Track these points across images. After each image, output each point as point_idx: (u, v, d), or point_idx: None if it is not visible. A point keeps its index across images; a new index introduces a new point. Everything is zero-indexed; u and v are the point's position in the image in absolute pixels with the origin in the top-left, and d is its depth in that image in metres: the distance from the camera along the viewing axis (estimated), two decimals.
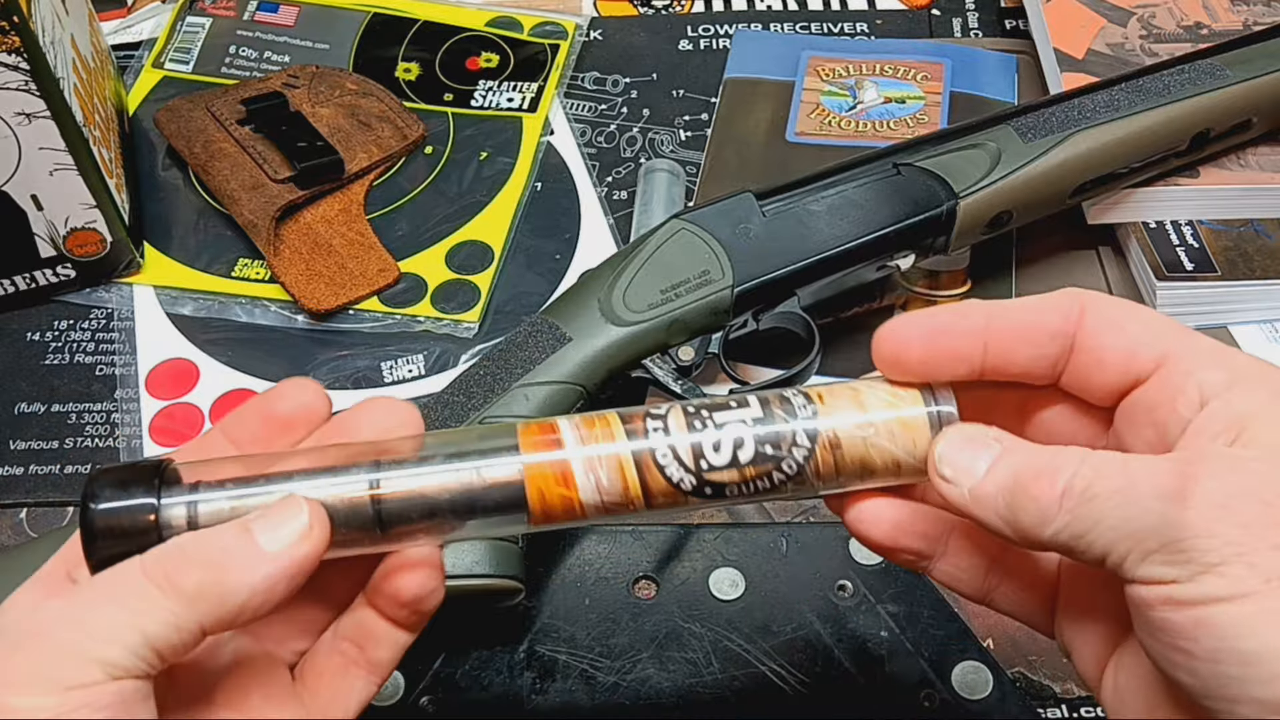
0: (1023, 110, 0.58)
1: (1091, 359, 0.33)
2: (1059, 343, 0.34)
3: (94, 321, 0.62)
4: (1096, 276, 0.63)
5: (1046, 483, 0.30)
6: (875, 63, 0.71)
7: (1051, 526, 0.30)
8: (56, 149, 0.56)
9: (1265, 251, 0.61)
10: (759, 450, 0.34)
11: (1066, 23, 0.68)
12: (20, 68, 0.53)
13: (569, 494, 0.33)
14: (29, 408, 0.59)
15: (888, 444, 0.34)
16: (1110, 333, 0.33)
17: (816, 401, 0.34)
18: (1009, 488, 0.31)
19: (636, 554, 0.53)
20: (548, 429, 0.34)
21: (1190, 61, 0.60)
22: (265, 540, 0.32)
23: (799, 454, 0.34)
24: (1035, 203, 0.57)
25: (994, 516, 0.31)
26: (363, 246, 0.63)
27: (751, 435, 0.34)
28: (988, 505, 0.32)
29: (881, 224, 0.54)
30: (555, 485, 0.33)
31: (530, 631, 0.51)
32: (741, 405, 0.34)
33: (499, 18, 0.75)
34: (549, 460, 0.33)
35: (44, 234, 0.59)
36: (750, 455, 0.34)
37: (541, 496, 0.33)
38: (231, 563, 0.31)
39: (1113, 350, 0.33)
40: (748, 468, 0.34)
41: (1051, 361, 0.34)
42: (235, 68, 0.72)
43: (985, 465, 0.32)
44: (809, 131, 0.68)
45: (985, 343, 0.34)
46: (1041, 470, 0.31)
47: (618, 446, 0.34)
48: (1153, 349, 0.32)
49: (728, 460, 0.34)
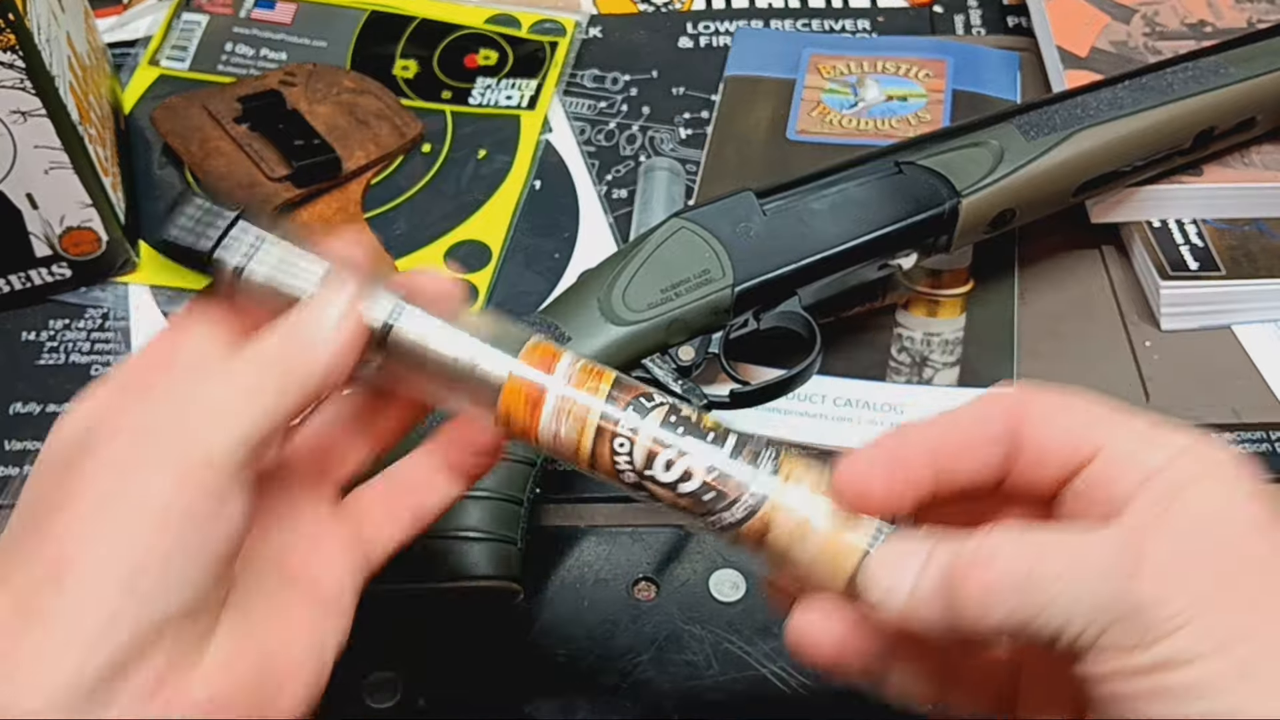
0: (1025, 108, 0.57)
1: (1034, 457, 0.33)
2: (1002, 446, 0.33)
3: (89, 321, 0.61)
4: (1100, 276, 0.62)
5: (983, 571, 0.30)
6: (877, 60, 0.70)
7: (996, 615, 0.30)
8: (52, 147, 0.56)
9: (1270, 250, 0.60)
10: (698, 491, 0.34)
11: (1069, 20, 0.68)
12: (15, 65, 0.53)
13: (530, 421, 0.35)
14: (24, 408, 0.58)
15: (814, 554, 0.34)
16: (1050, 428, 0.33)
17: (782, 470, 0.34)
18: (944, 587, 0.31)
19: (636, 555, 0.53)
20: (549, 357, 0.36)
21: (1194, 59, 0.60)
22: (324, 317, 0.34)
23: (730, 517, 0.34)
24: (1038, 201, 0.57)
25: (934, 621, 0.31)
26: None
27: (703, 475, 0.34)
28: (925, 613, 0.31)
29: (883, 223, 0.54)
30: (523, 406, 0.35)
31: (529, 633, 0.51)
32: (718, 440, 0.35)
33: (498, 15, 0.74)
34: (531, 382, 0.35)
35: (39, 233, 0.59)
36: (690, 490, 0.35)
37: (508, 410, 0.35)
38: (301, 340, 0.34)
39: (1055, 444, 0.33)
40: (682, 498, 0.35)
41: (996, 467, 0.34)
42: (232, 65, 0.72)
43: (912, 574, 0.31)
44: (810, 129, 0.67)
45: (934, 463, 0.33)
46: (975, 560, 0.30)
47: (592, 406, 0.35)
48: (1092, 436, 0.32)
49: (670, 481, 0.35)
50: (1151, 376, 0.58)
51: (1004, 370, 0.58)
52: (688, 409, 0.35)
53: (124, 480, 0.31)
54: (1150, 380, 0.58)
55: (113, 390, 0.34)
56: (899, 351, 0.59)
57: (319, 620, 0.37)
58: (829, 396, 0.57)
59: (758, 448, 0.35)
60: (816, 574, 0.34)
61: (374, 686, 0.49)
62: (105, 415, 0.33)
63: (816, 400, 0.57)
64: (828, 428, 0.56)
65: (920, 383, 0.58)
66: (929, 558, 0.31)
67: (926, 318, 0.60)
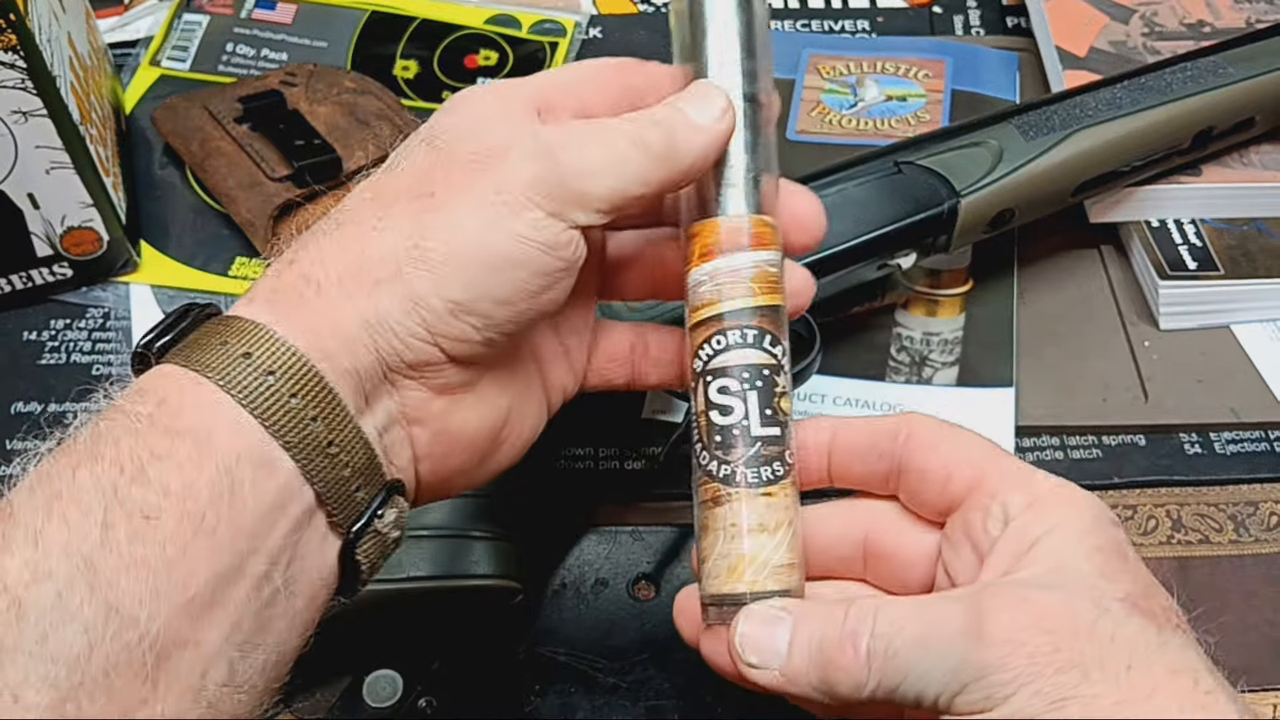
0: (1024, 108, 0.57)
1: (916, 479, 0.38)
2: (887, 462, 0.38)
3: (90, 321, 0.62)
4: (1099, 276, 0.62)
5: (850, 647, 0.33)
6: (876, 60, 0.71)
7: (867, 688, 0.33)
8: (53, 147, 0.56)
9: (1268, 250, 0.60)
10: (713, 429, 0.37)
11: (1068, 20, 0.68)
12: (17, 65, 0.53)
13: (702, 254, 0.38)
14: (25, 407, 0.58)
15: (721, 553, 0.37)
16: (930, 455, 0.37)
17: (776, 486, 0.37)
18: (817, 661, 0.34)
19: (636, 555, 0.53)
20: (765, 235, 0.38)
21: (1193, 59, 0.60)
22: (695, 114, 0.37)
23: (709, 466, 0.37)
24: (1037, 201, 0.57)
25: (810, 690, 0.34)
26: None
27: (728, 424, 0.37)
28: (802, 681, 0.34)
29: (883, 222, 0.54)
30: (711, 241, 0.38)
31: (530, 633, 0.51)
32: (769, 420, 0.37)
33: (498, 15, 0.74)
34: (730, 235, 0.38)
35: (40, 233, 0.59)
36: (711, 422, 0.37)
37: (701, 232, 0.38)
38: (679, 130, 0.37)
39: (932, 472, 0.37)
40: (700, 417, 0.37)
41: (883, 478, 0.39)
42: (233, 66, 0.72)
43: (785, 641, 0.34)
44: (810, 130, 0.67)
45: (829, 455, 0.39)
46: (843, 636, 0.33)
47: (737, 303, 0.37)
48: (967, 472, 0.37)
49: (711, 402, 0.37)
50: (1150, 376, 0.58)
51: (1003, 370, 0.58)
52: (783, 381, 0.37)
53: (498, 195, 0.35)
54: (1149, 380, 0.58)
55: (525, 101, 0.37)
56: (898, 351, 0.59)
57: (540, 406, 0.41)
58: (829, 396, 0.57)
59: (779, 456, 0.37)
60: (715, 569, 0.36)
61: (374, 686, 0.49)
62: (509, 121, 0.36)
63: (816, 400, 0.57)
64: None
65: (920, 382, 0.58)
66: (798, 625, 0.34)
67: (926, 317, 0.60)
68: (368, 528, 0.35)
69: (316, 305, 0.34)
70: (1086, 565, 0.33)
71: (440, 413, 0.37)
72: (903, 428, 0.38)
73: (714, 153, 0.37)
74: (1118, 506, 0.55)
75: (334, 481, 0.33)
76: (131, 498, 0.30)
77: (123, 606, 0.29)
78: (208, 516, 0.30)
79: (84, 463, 0.30)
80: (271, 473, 0.32)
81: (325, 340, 0.34)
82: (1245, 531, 0.54)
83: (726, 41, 0.39)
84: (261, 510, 0.31)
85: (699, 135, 0.37)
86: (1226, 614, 0.51)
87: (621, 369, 0.44)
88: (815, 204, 0.40)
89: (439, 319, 0.35)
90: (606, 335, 0.44)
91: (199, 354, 0.33)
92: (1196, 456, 0.56)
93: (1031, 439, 0.57)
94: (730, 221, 0.38)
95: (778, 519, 0.36)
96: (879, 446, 0.38)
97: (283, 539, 0.32)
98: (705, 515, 0.37)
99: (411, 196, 0.36)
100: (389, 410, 0.36)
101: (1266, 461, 0.56)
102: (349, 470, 0.34)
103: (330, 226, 0.36)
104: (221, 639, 0.31)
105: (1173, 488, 0.55)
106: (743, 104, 0.38)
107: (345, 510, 0.34)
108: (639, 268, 0.43)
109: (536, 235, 0.35)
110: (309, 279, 0.35)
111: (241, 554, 0.31)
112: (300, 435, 0.32)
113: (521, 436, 0.40)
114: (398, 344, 0.35)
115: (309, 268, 0.35)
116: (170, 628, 0.29)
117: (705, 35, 0.39)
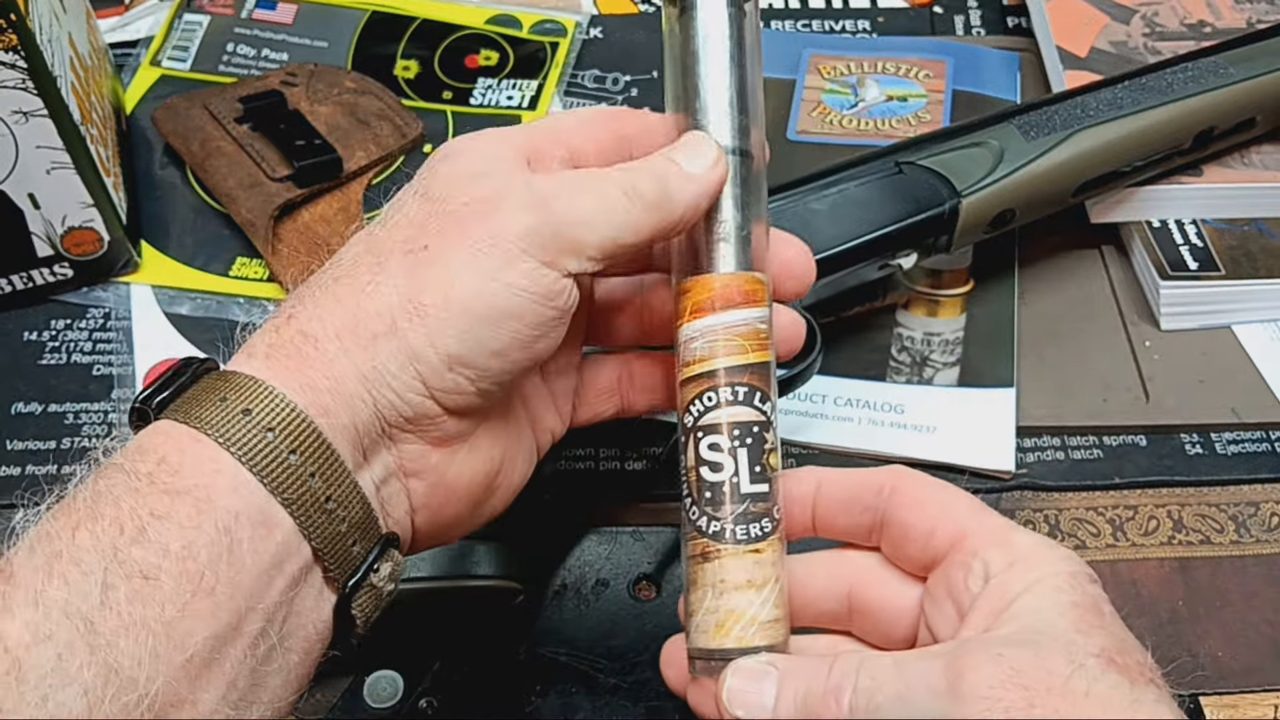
0: (1025, 108, 0.57)
1: (899, 533, 0.38)
2: (871, 515, 0.39)
3: (91, 321, 0.61)
4: (1099, 276, 0.62)
5: (834, 702, 0.34)
6: (877, 60, 0.71)
7: None
8: (54, 147, 0.56)
9: (1269, 251, 0.60)
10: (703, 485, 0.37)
11: (1069, 20, 0.68)
12: (17, 65, 0.53)
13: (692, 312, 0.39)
14: (26, 408, 0.58)
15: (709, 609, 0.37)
16: (913, 511, 0.38)
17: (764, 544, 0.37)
18: (802, 715, 0.35)
19: (637, 555, 0.53)
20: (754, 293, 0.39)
21: (1193, 60, 0.60)
22: (688, 164, 0.38)
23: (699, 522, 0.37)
24: (1038, 201, 0.57)
25: None
26: None
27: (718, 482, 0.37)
28: None
29: (883, 223, 0.54)
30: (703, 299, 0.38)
31: (530, 633, 0.51)
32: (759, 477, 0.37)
33: (498, 15, 0.74)
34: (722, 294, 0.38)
35: (41, 233, 0.59)
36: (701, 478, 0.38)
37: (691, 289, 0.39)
38: (671, 179, 0.37)
39: (915, 527, 0.38)
40: (689, 474, 0.38)
41: (866, 531, 0.39)
42: (233, 66, 0.72)
43: (772, 696, 0.35)
44: (810, 130, 0.67)
45: (814, 506, 0.40)
46: (827, 691, 0.34)
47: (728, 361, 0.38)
48: (949, 528, 0.37)
49: (700, 458, 0.38)
50: (1151, 376, 0.58)
51: (1004, 370, 0.58)
52: (772, 437, 0.38)
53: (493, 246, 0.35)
54: (1150, 380, 0.58)
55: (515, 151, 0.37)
56: (899, 351, 0.59)
57: (530, 451, 0.42)
58: (829, 396, 0.57)
59: (767, 512, 0.37)
60: (704, 623, 0.37)
61: (374, 686, 0.49)
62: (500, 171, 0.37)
63: (817, 400, 0.57)
64: (828, 428, 0.56)
65: (920, 382, 0.58)
66: (784, 680, 0.35)
67: (927, 318, 0.60)
68: (363, 582, 0.35)
69: (314, 361, 0.35)
70: (1062, 621, 0.34)
71: (437, 465, 0.37)
72: (887, 481, 0.38)
73: (706, 202, 0.38)
74: (1118, 507, 0.55)
75: (331, 537, 0.34)
76: (132, 558, 0.30)
77: (122, 668, 0.29)
78: (206, 576, 0.31)
79: (84, 522, 0.31)
80: (270, 530, 0.32)
81: (323, 396, 0.34)
82: (1246, 532, 0.54)
83: (719, 96, 0.39)
84: (260, 569, 0.32)
85: (691, 185, 0.37)
86: (1227, 614, 0.51)
87: (609, 400, 0.45)
88: (805, 253, 0.41)
89: (435, 373, 0.35)
90: (593, 371, 0.44)
91: (198, 409, 0.33)
92: (1197, 457, 0.56)
93: (1032, 439, 0.57)
94: (722, 279, 0.38)
95: (765, 575, 0.37)
96: (863, 499, 0.39)
97: (280, 596, 0.32)
98: (694, 570, 0.38)
99: (405, 250, 0.36)
100: (386, 464, 0.36)
101: (1267, 462, 0.56)
102: (346, 525, 0.34)
103: (326, 281, 0.36)
104: (218, 697, 0.31)
105: (1174, 488, 0.55)
106: (734, 158, 0.39)
107: (341, 565, 0.34)
108: (627, 313, 0.44)
109: (531, 285, 0.36)
110: (307, 334, 0.35)
111: (239, 612, 0.31)
112: (299, 492, 0.33)
113: (513, 482, 0.41)
114: (395, 398, 0.35)
115: (306, 323, 0.35)
116: (168, 689, 0.29)
117: (699, 89, 0.39)
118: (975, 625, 0.35)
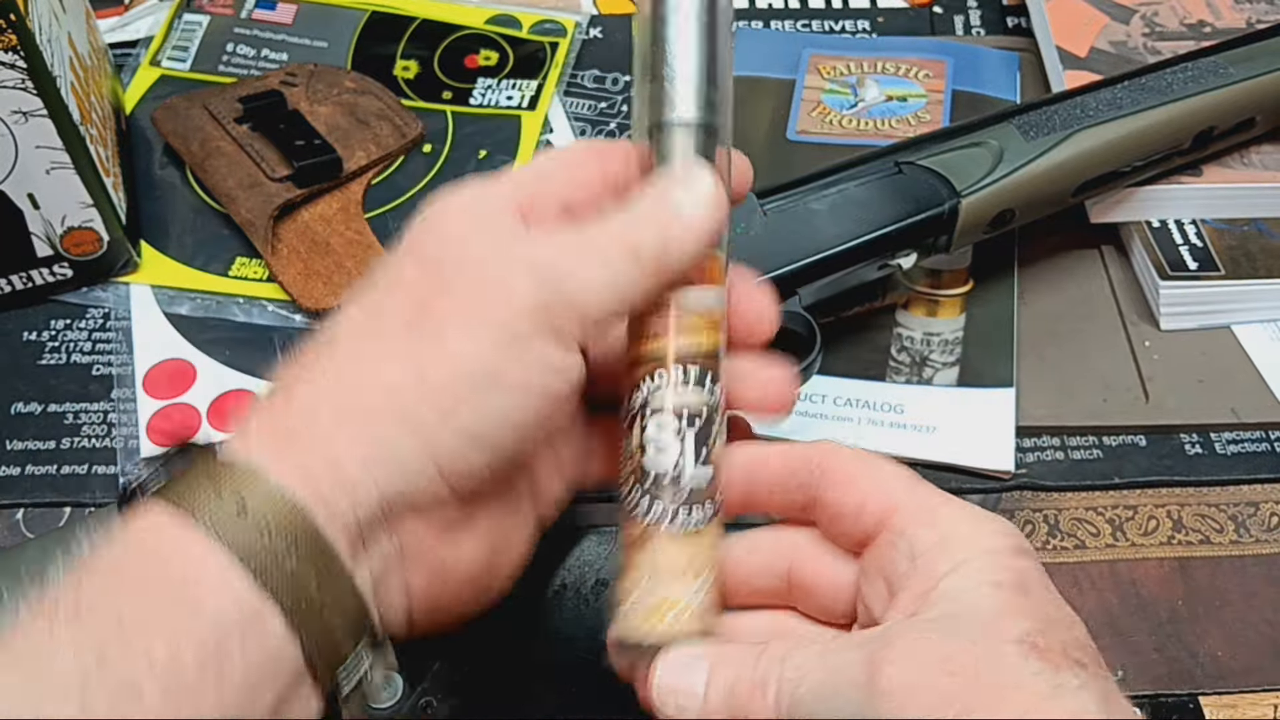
0: (1025, 108, 0.57)
1: (831, 511, 0.37)
2: (804, 492, 0.38)
3: (91, 321, 0.61)
4: (1099, 276, 0.62)
5: (760, 694, 0.34)
6: (877, 61, 0.71)
7: None
8: (53, 147, 0.56)
9: (1269, 251, 0.60)
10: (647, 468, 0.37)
11: (1069, 20, 0.68)
12: (17, 65, 0.53)
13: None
14: (25, 408, 0.58)
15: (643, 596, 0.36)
16: (843, 488, 0.37)
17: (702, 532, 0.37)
18: (730, 706, 0.34)
19: None
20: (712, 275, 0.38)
21: (1193, 60, 0.60)
22: (689, 207, 0.36)
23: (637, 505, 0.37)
24: (1038, 201, 0.57)
25: None
26: (361, 245, 0.63)
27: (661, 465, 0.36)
28: None
29: (883, 223, 0.54)
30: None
31: (530, 633, 0.51)
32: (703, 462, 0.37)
33: (498, 15, 0.74)
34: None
35: (40, 233, 0.59)
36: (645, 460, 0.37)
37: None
38: (672, 230, 0.36)
39: (845, 503, 0.37)
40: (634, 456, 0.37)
41: (800, 507, 0.38)
42: (233, 66, 0.72)
43: (702, 685, 0.35)
44: (810, 130, 0.67)
45: (747, 485, 0.38)
46: (754, 683, 0.34)
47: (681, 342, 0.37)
48: (879, 504, 0.36)
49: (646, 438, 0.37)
50: (1151, 376, 0.58)
51: (1004, 370, 0.58)
52: (719, 425, 0.37)
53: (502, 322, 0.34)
54: (1150, 380, 0.58)
55: (508, 204, 0.36)
56: (899, 351, 0.59)
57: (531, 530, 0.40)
58: (829, 396, 0.57)
59: (710, 496, 0.37)
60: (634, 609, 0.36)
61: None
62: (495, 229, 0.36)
63: (817, 400, 0.57)
64: (828, 427, 0.56)
65: (920, 382, 0.58)
66: (713, 671, 0.35)
67: (926, 318, 0.60)
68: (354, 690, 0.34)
69: (312, 444, 0.33)
70: (985, 604, 0.33)
71: (436, 551, 0.36)
72: (818, 458, 0.38)
73: (705, 251, 0.37)
74: (1118, 507, 0.55)
75: (322, 631, 0.32)
76: (116, 673, 0.29)
77: None
78: (193, 690, 0.30)
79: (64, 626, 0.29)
80: (261, 634, 0.31)
81: (322, 484, 0.33)
82: (1246, 532, 0.54)
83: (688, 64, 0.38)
84: (250, 681, 0.31)
85: (690, 235, 0.36)
86: (1226, 614, 0.51)
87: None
88: (768, 300, 0.41)
89: (448, 452, 0.34)
90: (595, 427, 0.42)
91: (190, 498, 0.32)
92: (1197, 457, 0.56)
93: (1032, 439, 0.57)
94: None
95: (702, 560, 0.36)
96: (797, 476, 0.38)
97: (268, 711, 0.31)
98: (629, 554, 0.37)
99: (406, 322, 0.34)
100: (384, 554, 0.35)
101: (1267, 462, 0.56)
102: (340, 619, 0.33)
103: (325, 353, 0.35)
104: None
105: (1173, 488, 0.55)
106: (699, 132, 0.38)
107: (330, 662, 0.33)
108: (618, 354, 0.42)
109: (545, 360, 0.35)
110: (305, 413, 0.34)
111: None
112: (294, 597, 0.31)
113: (513, 562, 0.40)
114: (400, 481, 0.34)
115: (305, 401, 0.34)
116: None
117: (666, 55, 0.38)
118: (903, 608, 0.34)
